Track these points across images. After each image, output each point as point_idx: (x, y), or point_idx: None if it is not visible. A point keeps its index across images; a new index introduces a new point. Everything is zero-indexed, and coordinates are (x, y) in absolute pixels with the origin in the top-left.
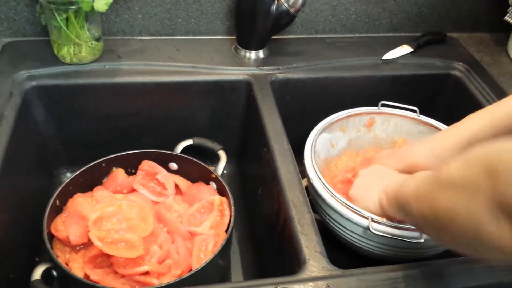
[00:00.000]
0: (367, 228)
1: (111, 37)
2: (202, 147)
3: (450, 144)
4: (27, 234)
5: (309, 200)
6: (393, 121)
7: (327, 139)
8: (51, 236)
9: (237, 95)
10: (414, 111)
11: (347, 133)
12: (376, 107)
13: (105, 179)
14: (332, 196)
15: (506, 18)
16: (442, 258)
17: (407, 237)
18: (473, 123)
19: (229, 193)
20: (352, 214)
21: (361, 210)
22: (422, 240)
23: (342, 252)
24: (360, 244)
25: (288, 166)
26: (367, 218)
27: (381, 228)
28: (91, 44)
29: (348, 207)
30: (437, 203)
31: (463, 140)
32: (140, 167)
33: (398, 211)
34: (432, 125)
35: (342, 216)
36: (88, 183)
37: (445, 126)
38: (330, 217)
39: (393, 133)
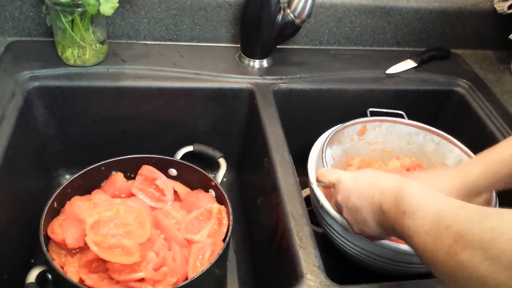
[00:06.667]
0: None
1: (116, 40)
2: (202, 154)
3: (479, 173)
4: (23, 236)
5: (311, 211)
6: (384, 126)
7: (328, 153)
8: (47, 239)
9: (239, 103)
10: (401, 115)
11: (343, 144)
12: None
13: (104, 183)
14: None
15: (511, 37)
16: None
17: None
18: (504, 149)
19: (228, 202)
20: None
21: None
22: None
23: (344, 265)
24: (363, 257)
25: (288, 178)
26: None
27: (386, 241)
28: (96, 47)
29: None
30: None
31: (490, 170)
32: (139, 172)
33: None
34: (420, 127)
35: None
36: (86, 186)
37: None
38: (333, 229)
39: (384, 137)
